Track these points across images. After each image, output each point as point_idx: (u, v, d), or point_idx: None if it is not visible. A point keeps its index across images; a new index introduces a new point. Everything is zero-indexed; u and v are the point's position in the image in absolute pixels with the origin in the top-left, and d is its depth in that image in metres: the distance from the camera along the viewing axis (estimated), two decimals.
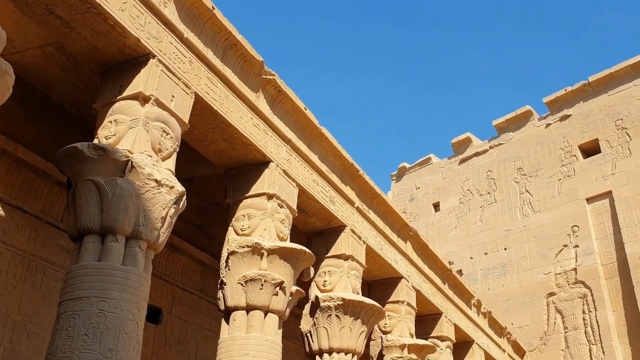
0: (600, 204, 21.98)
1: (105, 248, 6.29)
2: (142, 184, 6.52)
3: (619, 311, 20.04)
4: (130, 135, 6.78)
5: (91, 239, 6.32)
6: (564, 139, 24.13)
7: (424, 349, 12.37)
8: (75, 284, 6.04)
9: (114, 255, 6.25)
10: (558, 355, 20.44)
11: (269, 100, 9.34)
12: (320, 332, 9.92)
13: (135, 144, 6.74)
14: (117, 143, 6.72)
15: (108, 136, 6.82)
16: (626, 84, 23.21)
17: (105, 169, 6.44)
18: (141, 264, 6.45)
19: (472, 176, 26.85)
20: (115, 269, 6.16)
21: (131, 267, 6.30)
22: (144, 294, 6.39)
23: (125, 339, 5.93)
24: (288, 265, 8.42)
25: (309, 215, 10.58)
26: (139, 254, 6.44)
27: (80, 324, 5.77)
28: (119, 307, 5.98)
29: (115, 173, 6.46)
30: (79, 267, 6.16)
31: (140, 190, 6.51)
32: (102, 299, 5.95)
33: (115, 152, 6.45)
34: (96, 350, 5.66)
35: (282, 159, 9.36)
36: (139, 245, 6.48)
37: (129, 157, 6.51)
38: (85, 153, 6.32)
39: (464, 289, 16.77)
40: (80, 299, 5.92)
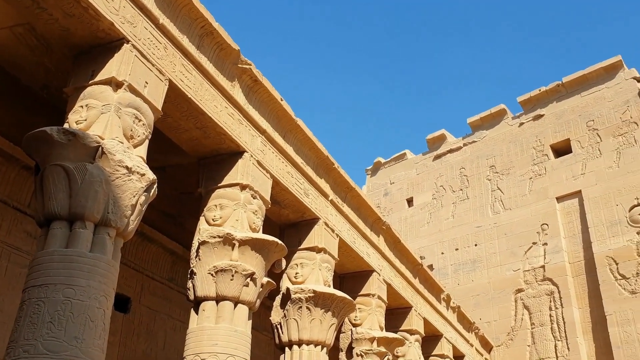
0: (569, 203, 22.40)
1: (73, 234, 6.17)
2: (112, 170, 6.42)
3: (585, 308, 20.48)
4: (102, 120, 6.66)
5: (59, 225, 6.20)
6: (537, 138, 24.51)
7: (393, 342, 12.47)
8: (41, 271, 5.92)
9: (82, 242, 6.14)
10: (524, 351, 20.82)
11: (244, 89, 9.26)
12: (291, 323, 9.92)
13: (107, 130, 6.62)
14: (88, 128, 6.60)
15: (79, 121, 6.69)
16: (599, 86, 23.65)
17: (75, 155, 6.31)
18: (110, 252, 6.36)
19: (446, 172, 27.12)
20: (82, 256, 6.05)
21: (99, 254, 6.20)
22: (112, 282, 6.30)
23: (92, 327, 5.83)
24: (259, 256, 8.38)
25: (283, 207, 10.54)
26: (108, 242, 6.35)
27: (45, 311, 5.66)
28: (85, 295, 5.88)
29: (85, 159, 6.34)
30: (45, 254, 6.03)
31: (110, 176, 6.40)
32: (68, 286, 5.85)
33: (86, 137, 6.33)
34: (61, 338, 5.56)
35: (256, 149, 9.30)
36: (107, 232, 6.39)
37: (100, 143, 6.39)
38: (55, 137, 6.18)
39: (434, 283, 16.95)
40: (45, 285, 5.80)
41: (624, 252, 19.87)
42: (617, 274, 19.74)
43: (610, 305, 19.46)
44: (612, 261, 20.00)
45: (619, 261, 19.85)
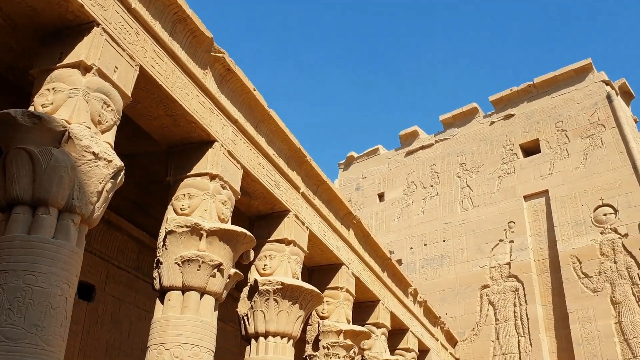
0: (536, 202, 22.81)
1: (35, 220, 6.04)
2: (78, 156, 6.29)
3: (548, 305, 20.90)
4: (69, 104, 6.52)
5: (21, 210, 6.06)
6: (507, 138, 24.86)
7: (360, 335, 12.53)
8: (1, 257, 5.79)
9: (45, 228, 6.01)
10: (488, 346, 21.17)
11: (217, 78, 9.16)
12: (257, 315, 9.89)
13: (74, 114, 6.48)
14: (55, 112, 6.45)
15: (45, 104, 6.54)
16: (569, 88, 24.08)
17: (40, 138, 6.17)
18: (73, 238, 6.24)
19: (417, 169, 27.34)
20: (45, 242, 5.93)
21: (63, 241, 6.07)
22: (75, 269, 6.18)
23: (53, 315, 5.72)
24: (227, 247, 8.32)
25: (253, 198, 10.48)
26: (72, 228, 6.22)
27: (4, 298, 5.53)
28: (47, 282, 5.77)
29: (50, 143, 6.20)
30: (6, 239, 5.89)
31: (76, 162, 6.28)
32: (29, 273, 5.72)
33: (52, 121, 6.18)
34: (20, 326, 5.44)
35: (227, 139, 9.21)
36: (72, 219, 6.26)
37: (66, 128, 6.25)
38: (19, 120, 6.02)
39: (402, 278, 17.08)
40: (5, 272, 5.67)
41: (587, 252, 20.33)
42: (581, 272, 20.19)
43: (572, 302, 19.90)
44: (576, 260, 20.45)
45: (582, 260, 20.30)
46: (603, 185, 21.09)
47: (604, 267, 19.76)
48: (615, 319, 18.95)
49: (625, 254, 19.56)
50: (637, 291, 18.82)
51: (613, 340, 18.70)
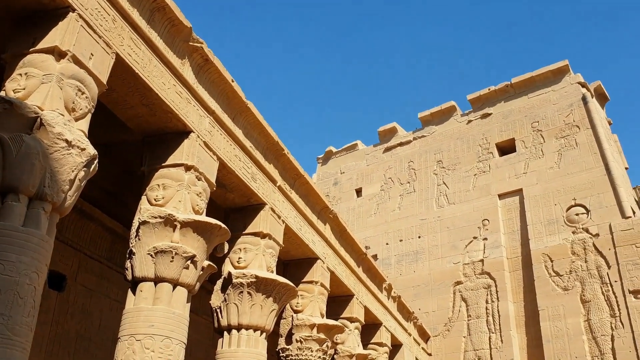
0: (510, 201, 23.10)
1: (5, 207, 5.92)
2: (51, 143, 6.17)
3: (519, 303, 21.21)
4: (42, 90, 6.40)
5: None
6: (483, 136, 25.11)
7: (333, 329, 12.57)
8: None
9: (14, 215, 5.89)
10: (460, 342, 21.42)
11: (194, 68, 9.07)
12: (231, 308, 9.85)
13: (47, 101, 6.36)
14: (27, 98, 6.33)
15: (17, 89, 6.41)
16: (545, 89, 24.40)
17: (11, 124, 6.04)
18: (44, 227, 6.13)
19: (395, 165, 27.48)
20: (14, 230, 5.81)
21: (32, 229, 5.97)
22: (44, 258, 6.09)
23: (20, 304, 5.63)
24: (202, 239, 8.26)
25: (229, 190, 10.41)
26: (42, 216, 6.12)
27: None
28: (15, 270, 5.66)
29: (22, 129, 6.08)
30: None
31: (48, 149, 6.16)
32: None
33: (24, 107, 6.06)
34: None
35: (204, 130, 9.14)
36: (43, 207, 6.15)
37: (39, 114, 6.13)
38: None
39: (377, 273, 17.17)
40: None
41: (559, 250, 20.66)
42: (552, 270, 20.52)
43: (543, 300, 20.22)
44: (548, 258, 20.77)
45: (554, 259, 20.63)
46: (576, 186, 21.44)
47: (575, 266, 20.11)
48: (585, 317, 19.30)
49: (595, 254, 19.92)
50: (606, 290, 19.20)
51: (582, 337, 19.06)
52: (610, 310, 18.89)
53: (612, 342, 18.45)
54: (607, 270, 19.41)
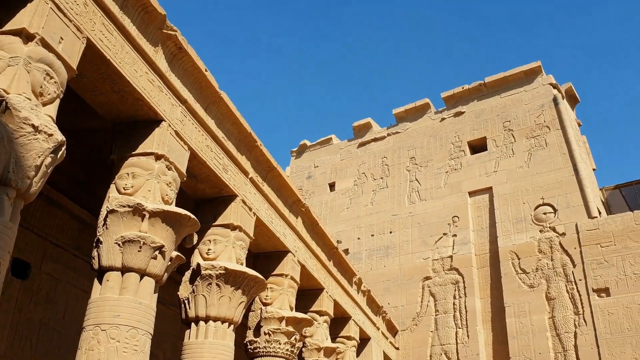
0: (480, 198, 23.41)
1: None
2: (16, 127, 6.02)
3: (486, 299, 21.53)
4: (8, 73, 6.23)
5: None
6: (456, 134, 25.38)
7: (302, 322, 12.59)
8: None
9: None
10: (427, 336, 21.66)
11: (168, 56, 8.95)
12: (199, 299, 9.79)
13: (13, 84, 6.20)
14: None
15: None
16: (517, 89, 24.74)
17: None
18: (7, 213, 5.99)
19: (369, 160, 27.60)
20: None
21: None
22: (7, 245, 5.95)
23: None
24: (170, 229, 8.18)
25: (199, 181, 10.32)
26: (6, 202, 5.97)
27: None
28: None
29: None
30: None
31: (13, 134, 6.01)
32: None
33: None
34: None
35: (175, 119, 9.03)
36: (6, 192, 6.01)
37: (4, 97, 5.98)
38: None
39: (348, 267, 17.24)
40: None
41: (526, 248, 21.02)
42: (519, 268, 20.87)
43: (509, 297, 20.56)
44: (515, 256, 21.12)
45: (521, 256, 20.98)
46: (544, 185, 21.82)
47: (541, 264, 20.48)
48: (549, 314, 19.69)
49: (561, 253, 20.31)
50: (570, 288, 19.60)
51: (546, 334, 19.43)
52: (574, 308, 19.30)
53: (575, 339, 18.86)
54: (572, 268, 19.81)
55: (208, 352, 9.55)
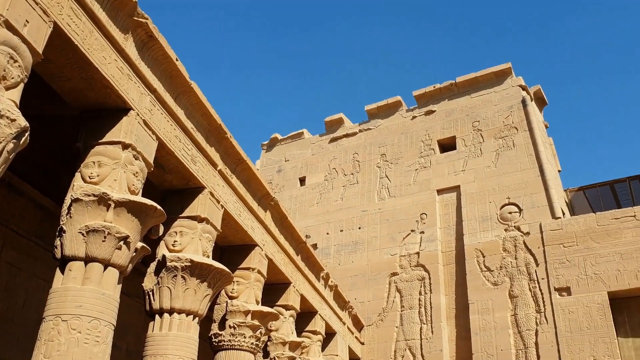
0: (448, 196, 23.70)
1: None
2: None
3: (451, 295, 21.84)
4: None
5: None
6: (426, 133, 25.62)
7: (268, 316, 12.57)
8: None
9: None
10: (392, 331, 21.87)
11: (138, 44, 8.80)
12: (164, 291, 9.69)
13: None
14: None
15: None
16: (487, 89, 25.09)
17: None
18: None
19: (340, 156, 27.67)
20: None
21: None
22: None
23: None
24: (136, 220, 8.07)
25: (167, 172, 10.20)
26: None
27: None
28: None
29: None
30: None
31: None
32: None
33: None
34: None
35: (144, 108, 8.89)
36: None
37: None
38: None
39: (316, 262, 17.28)
40: None
41: (491, 246, 21.37)
42: (483, 266, 21.20)
43: (473, 294, 20.88)
44: (480, 254, 21.45)
45: (486, 254, 21.32)
46: (510, 185, 22.20)
47: (505, 262, 20.85)
48: (512, 311, 20.06)
49: (525, 252, 20.70)
50: (533, 287, 20.00)
51: (508, 331, 19.80)
52: (535, 306, 19.70)
53: (536, 337, 19.25)
54: (535, 267, 20.22)
55: (172, 344, 9.47)
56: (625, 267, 18.63)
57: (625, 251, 18.84)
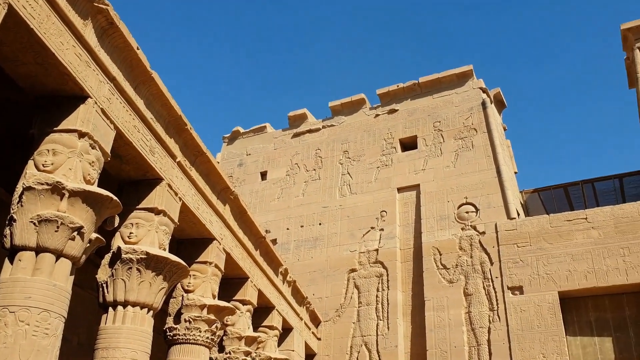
0: (408, 195, 23.99)
1: None
2: None
3: (408, 292, 22.13)
4: None
5: None
6: (389, 131, 25.87)
7: (224, 311, 12.49)
8: None
9: None
10: (349, 327, 22.03)
11: (97, 31, 8.60)
12: (118, 283, 9.52)
13: None
14: None
15: None
16: (449, 91, 25.49)
17: None
18: None
19: (302, 151, 27.66)
20: None
21: None
22: None
23: None
24: (91, 210, 7.90)
25: (125, 162, 10.01)
26: None
27: None
28: None
29: None
30: None
31: None
32: None
33: None
34: None
35: (102, 96, 8.70)
36: None
37: None
38: None
39: (275, 257, 17.25)
40: None
41: (448, 245, 21.74)
42: (440, 263, 21.55)
43: (429, 291, 21.22)
44: (437, 252, 21.80)
45: (442, 252, 21.68)
46: (468, 185, 22.63)
47: (461, 261, 21.25)
48: (466, 309, 20.46)
49: (480, 250, 21.13)
50: (487, 285, 20.44)
51: (462, 328, 20.19)
52: (489, 304, 20.14)
53: (488, 334, 19.69)
54: (489, 266, 20.66)
55: (125, 337, 9.32)
56: (575, 267, 19.23)
57: (576, 252, 19.44)
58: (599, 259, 19.06)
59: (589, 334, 18.96)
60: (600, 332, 18.84)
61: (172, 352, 11.98)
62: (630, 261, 18.63)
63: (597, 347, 18.73)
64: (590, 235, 19.54)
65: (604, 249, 19.12)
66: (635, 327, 18.50)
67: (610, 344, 18.59)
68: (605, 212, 19.77)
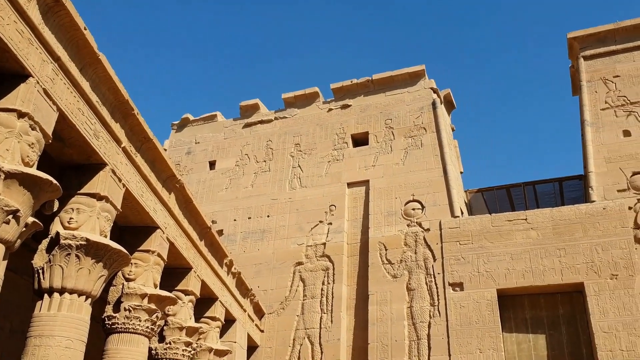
0: (357, 190, 24.23)
1: None
2: None
3: (352, 286, 22.37)
4: None
5: None
6: (341, 126, 26.02)
7: (165, 301, 12.31)
8: None
9: None
10: (293, 320, 22.11)
11: (42, 8, 8.28)
12: (55, 270, 9.23)
13: None
14: None
15: None
16: (401, 89, 25.84)
17: None
18: None
19: (253, 142, 27.47)
20: None
21: None
22: None
23: None
24: (28, 193, 7.62)
25: (67, 145, 9.70)
26: None
27: None
28: None
29: None
30: None
31: None
32: None
33: None
34: None
35: (45, 76, 8.39)
36: None
37: None
38: None
39: (220, 248, 17.10)
40: None
41: (393, 240, 22.08)
42: (385, 258, 21.88)
43: (374, 285, 21.51)
44: (383, 247, 22.12)
45: (388, 247, 22.01)
46: (416, 183, 23.04)
47: (405, 256, 21.63)
48: (408, 304, 20.85)
49: (425, 247, 21.57)
50: (429, 281, 20.89)
51: (403, 322, 20.57)
52: (430, 299, 20.59)
53: (428, 329, 20.14)
54: (432, 262, 21.12)
55: (60, 325, 9.04)
56: (514, 266, 19.88)
57: (515, 252, 20.10)
58: (537, 259, 19.77)
59: (524, 331, 19.66)
60: (535, 330, 19.57)
61: (110, 340, 11.73)
62: (565, 262, 19.40)
63: (532, 343, 19.45)
64: (530, 236, 20.23)
65: (542, 250, 19.84)
66: (567, 325, 19.31)
67: (543, 341, 19.34)
68: (544, 213, 20.50)
